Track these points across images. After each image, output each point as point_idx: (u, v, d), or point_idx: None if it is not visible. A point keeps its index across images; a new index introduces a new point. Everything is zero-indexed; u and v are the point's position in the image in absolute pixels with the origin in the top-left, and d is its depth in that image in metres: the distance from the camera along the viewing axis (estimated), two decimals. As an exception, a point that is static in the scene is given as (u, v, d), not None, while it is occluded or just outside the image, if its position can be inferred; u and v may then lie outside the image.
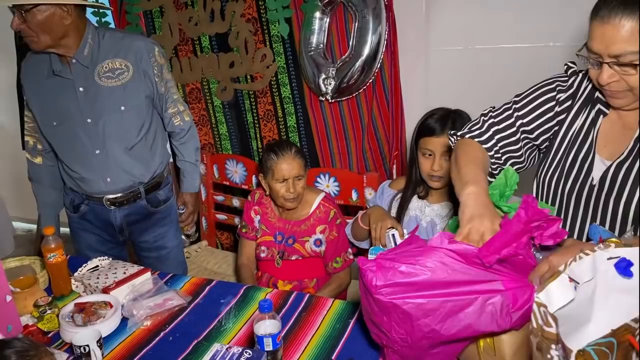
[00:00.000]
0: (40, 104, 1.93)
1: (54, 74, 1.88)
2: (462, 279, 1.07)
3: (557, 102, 1.39)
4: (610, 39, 1.11)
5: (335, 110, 2.60)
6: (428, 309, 1.07)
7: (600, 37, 1.13)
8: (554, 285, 0.86)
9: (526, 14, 2.33)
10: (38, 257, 1.88)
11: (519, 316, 1.05)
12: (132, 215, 2.08)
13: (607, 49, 1.12)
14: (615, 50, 1.11)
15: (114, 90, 1.92)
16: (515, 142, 1.45)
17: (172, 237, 2.22)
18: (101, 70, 1.91)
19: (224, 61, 2.73)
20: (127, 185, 2.02)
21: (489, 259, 1.04)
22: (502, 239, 1.04)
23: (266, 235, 2.14)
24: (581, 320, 0.81)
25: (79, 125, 1.92)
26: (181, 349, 1.43)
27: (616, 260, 0.82)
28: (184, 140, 2.19)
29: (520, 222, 1.03)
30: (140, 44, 1.97)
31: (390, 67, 2.44)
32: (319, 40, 2.48)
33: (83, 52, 1.87)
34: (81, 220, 2.09)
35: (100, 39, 1.91)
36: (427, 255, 1.07)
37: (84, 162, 1.96)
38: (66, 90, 1.90)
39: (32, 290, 1.62)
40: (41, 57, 1.91)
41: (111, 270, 1.76)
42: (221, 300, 1.65)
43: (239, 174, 2.70)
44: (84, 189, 2.01)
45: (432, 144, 1.81)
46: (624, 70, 1.13)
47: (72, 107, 1.90)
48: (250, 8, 2.58)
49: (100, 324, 1.48)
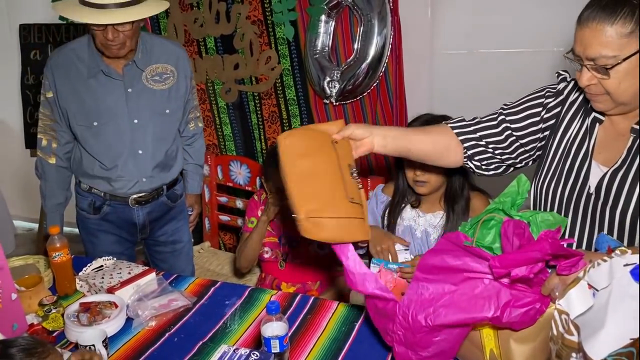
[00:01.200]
0: (78, 104, 1.92)
1: (104, 74, 1.89)
2: (469, 268, 1.12)
3: (545, 108, 1.42)
4: (587, 41, 1.15)
5: (339, 113, 2.61)
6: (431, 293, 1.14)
7: (579, 40, 1.17)
8: (574, 292, 0.86)
9: (531, 18, 2.34)
10: (42, 256, 1.88)
11: (519, 314, 1.06)
12: (154, 212, 2.11)
13: (584, 51, 1.16)
14: (591, 53, 1.15)
15: (161, 93, 1.97)
16: (501, 140, 1.47)
17: (186, 231, 2.28)
18: (149, 74, 1.95)
19: (228, 63, 2.73)
20: (157, 185, 2.06)
21: (499, 270, 1.05)
22: (517, 259, 1.05)
23: (271, 236, 2.14)
24: (596, 326, 0.81)
25: (125, 126, 1.93)
26: (186, 349, 1.43)
27: (632, 267, 0.82)
28: (195, 144, 2.25)
29: (540, 252, 1.03)
30: (177, 49, 2.05)
31: (394, 70, 2.45)
32: (324, 43, 2.49)
33: (138, 54, 1.91)
34: (101, 221, 2.08)
35: (146, 42, 1.95)
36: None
37: (124, 162, 1.97)
38: (113, 90, 1.91)
39: (36, 290, 1.61)
40: (75, 56, 1.91)
41: (116, 270, 1.76)
42: (226, 302, 1.65)
43: (243, 175, 2.71)
44: (114, 188, 2.00)
45: None
46: (600, 74, 1.17)
47: (118, 108, 1.92)
48: (256, 10, 2.58)
49: (105, 323, 1.47)
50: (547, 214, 1.26)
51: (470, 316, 1.09)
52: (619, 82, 1.16)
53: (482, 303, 1.09)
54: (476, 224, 1.28)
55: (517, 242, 1.10)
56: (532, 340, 1.07)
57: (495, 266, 1.05)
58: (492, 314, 1.07)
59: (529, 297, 1.08)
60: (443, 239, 1.19)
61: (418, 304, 1.15)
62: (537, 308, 1.08)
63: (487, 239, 1.25)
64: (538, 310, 1.08)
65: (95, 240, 2.10)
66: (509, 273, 1.04)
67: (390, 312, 1.20)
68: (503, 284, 1.10)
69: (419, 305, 1.15)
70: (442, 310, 1.12)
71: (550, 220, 1.25)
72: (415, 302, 1.16)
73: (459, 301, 1.11)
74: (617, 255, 0.83)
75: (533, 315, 1.08)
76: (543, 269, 1.06)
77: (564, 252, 1.02)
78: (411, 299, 1.17)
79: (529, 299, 1.08)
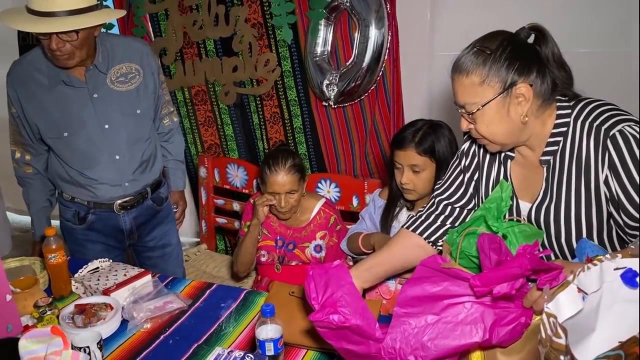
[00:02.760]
0: (45, 117, 1.86)
1: (66, 84, 1.83)
2: (449, 293, 1.11)
3: (464, 169, 1.48)
4: (455, 90, 1.27)
5: (340, 115, 2.62)
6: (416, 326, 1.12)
7: (453, 90, 1.28)
8: (563, 296, 0.86)
9: (530, 20, 2.34)
10: (38, 258, 1.87)
11: (507, 332, 1.06)
12: (140, 217, 2.08)
13: (456, 99, 1.28)
14: (459, 101, 1.27)
15: (129, 94, 1.92)
16: (449, 215, 1.52)
17: (174, 233, 2.25)
18: (113, 76, 1.89)
19: (227, 65, 2.73)
20: (140, 188, 2.02)
21: (480, 289, 1.05)
22: (497, 275, 1.04)
23: (267, 239, 2.14)
24: (586, 330, 0.82)
25: (96, 133, 1.88)
26: (181, 352, 1.43)
27: (622, 270, 0.82)
28: (173, 140, 2.22)
29: (520, 268, 1.03)
30: (140, 45, 2.00)
31: (392, 73, 2.45)
32: (324, 47, 2.50)
33: (99, 58, 1.85)
34: (87, 231, 2.03)
35: (106, 44, 1.89)
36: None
37: (103, 169, 1.92)
38: (79, 98, 1.85)
39: (32, 291, 1.61)
40: (32, 68, 1.84)
41: (111, 272, 1.76)
42: (221, 304, 1.65)
43: (240, 178, 2.71)
44: (97, 195, 1.96)
45: (399, 156, 1.82)
46: (471, 119, 1.26)
47: (86, 116, 1.86)
48: (255, 13, 2.59)
49: (100, 325, 1.47)
50: (524, 225, 1.29)
51: (460, 344, 1.08)
52: (487, 126, 1.24)
53: (469, 329, 1.08)
54: (463, 231, 1.29)
55: (495, 257, 1.10)
56: (519, 352, 1.08)
57: (476, 285, 1.04)
58: (482, 337, 1.07)
59: (512, 313, 1.08)
60: (420, 265, 1.16)
61: (404, 343, 1.12)
62: (522, 322, 1.08)
63: (473, 249, 1.24)
64: (524, 325, 1.08)
65: (84, 251, 2.05)
66: (491, 291, 1.04)
67: (374, 355, 1.16)
68: (485, 304, 1.10)
69: (405, 343, 1.12)
70: (430, 344, 1.09)
71: (528, 231, 1.27)
72: (400, 340, 1.12)
73: (444, 331, 1.10)
74: (607, 259, 0.83)
75: (520, 330, 1.08)
76: (524, 284, 1.06)
77: (544, 267, 1.03)
78: (395, 338, 1.13)
79: (513, 314, 1.08)
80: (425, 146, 1.77)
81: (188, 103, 2.95)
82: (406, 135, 1.80)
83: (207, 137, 3.00)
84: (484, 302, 1.10)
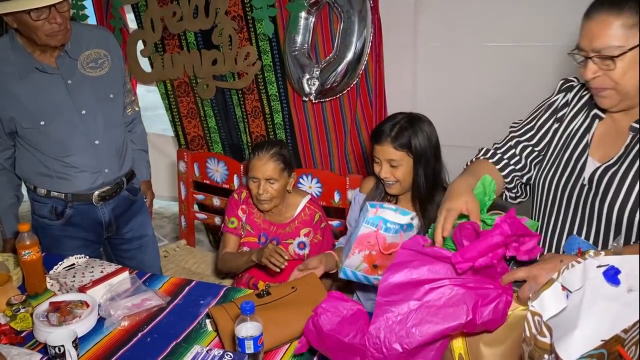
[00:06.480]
0: (18, 108, 1.82)
1: (40, 71, 1.81)
2: (429, 277, 1.10)
3: (556, 120, 1.46)
4: (594, 34, 1.20)
5: (317, 111, 2.60)
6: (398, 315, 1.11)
7: (586, 33, 1.22)
8: (548, 294, 0.86)
9: (515, 13, 2.34)
10: (11, 254, 1.83)
11: (490, 311, 1.06)
12: (118, 208, 2.07)
13: (591, 43, 1.21)
14: (598, 45, 1.20)
15: (100, 79, 1.93)
16: (522, 167, 1.50)
17: (149, 224, 2.26)
18: (84, 61, 1.90)
19: (206, 58, 2.70)
20: (117, 176, 2.02)
21: (462, 265, 1.04)
22: (478, 248, 1.04)
23: (250, 235, 2.11)
24: (568, 327, 0.82)
25: (74, 119, 1.87)
26: (159, 350, 1.40)
27: (605, 268, 0.82)
28: (136, 129, 2.22)
29: (501, 235, 1.03)
30: (104, 32, 2.04)
31: (374, 69, 2.44)
32: (303, 40, 2.47)
33: (68, 44, 1.84)
34: (65, 226, 2.00)
35: (72, 30, 1.85)
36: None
37: (83, 156, 1.91)
38: (53, 86, 1.84)
39: (5, 288, 1.57)
40: (2, 60, 1.81)
41: (88, 269, 1.72)
42: (201, 301, 1.63)
43: (221, 173, 2.67)
44: (76, 184, 1.93)
45: (377, 151, 1.81)
46: (606, 65, 1.20)
47: (63, 102, 1.85)
48: (236, 6, 2.56)
49: (76, 323, 1.44)
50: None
51: (444, 327, 1.08)
52: (624, 72, 1.20)
53: (452, 311, 1.08)
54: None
55: (468, 243, 1.10)
56: (502, 343, 1.08)
57: (458, 261, 1.04)
58: (466, 318, 1.07)
59: (492, 292, 1.08)
60: (400, 249, 1.16)
61: (388, 331, 1.11)
62: (504, 300, 1.08)
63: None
64: (506, 303, 1.08)
65: (61, 247, 2.00)
66: (473, 265, 1.03)
67: (359, 346, 1.15)
68: (466, 286, 1.09)
69: (389, 331, 1.11)
70: (414, 330, 1.09)
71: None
72: (384, 329, 1.12)
73: (428, 316, 1.09)
74: (590, 257, 0.83)
75: (503, 309, 1.07)
76: (500, 260, 1.06)
77: (523, 231, 1.03)
78: (379, 327, 1.13)
79: (493, 294, 1.08)
80: (401, 141, 1.76)
81: (170, 95, 2.91)
82: (384, 129, 1.79)
83: (190, 128, 2.97)
84: (466, 284, 1.10)
